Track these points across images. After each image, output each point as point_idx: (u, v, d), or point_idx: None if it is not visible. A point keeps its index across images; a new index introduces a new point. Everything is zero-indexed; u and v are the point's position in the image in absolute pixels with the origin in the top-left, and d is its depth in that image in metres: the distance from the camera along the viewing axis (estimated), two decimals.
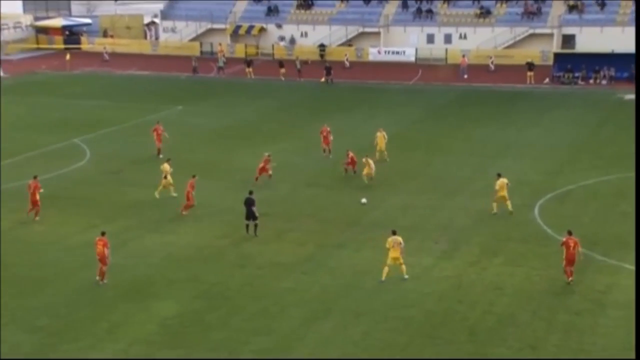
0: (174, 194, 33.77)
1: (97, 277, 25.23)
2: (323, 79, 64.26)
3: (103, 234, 25.58)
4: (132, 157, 41.16)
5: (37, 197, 31.25)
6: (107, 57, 76.70)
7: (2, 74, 66.60)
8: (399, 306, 23.57)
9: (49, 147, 42.61)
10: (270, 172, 35.79)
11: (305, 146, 43.60)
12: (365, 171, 35.80)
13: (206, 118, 51.50)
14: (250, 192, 29.97)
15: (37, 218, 31.15)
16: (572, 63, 63.01)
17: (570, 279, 24.75)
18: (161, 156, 39.56)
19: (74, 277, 25.84)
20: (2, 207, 32.38)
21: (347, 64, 70.80)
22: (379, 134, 40.40)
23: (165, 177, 34.01)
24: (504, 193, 31.24)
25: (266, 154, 36.55)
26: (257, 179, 35.31)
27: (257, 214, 29.24)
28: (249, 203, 29.28)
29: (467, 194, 34.56)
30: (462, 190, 35.14)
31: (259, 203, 29.56)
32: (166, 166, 34.26)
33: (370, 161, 35.93)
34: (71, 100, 56.41)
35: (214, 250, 28.25)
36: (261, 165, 35.71)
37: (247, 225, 29.25)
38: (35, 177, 32.08)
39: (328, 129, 41.36)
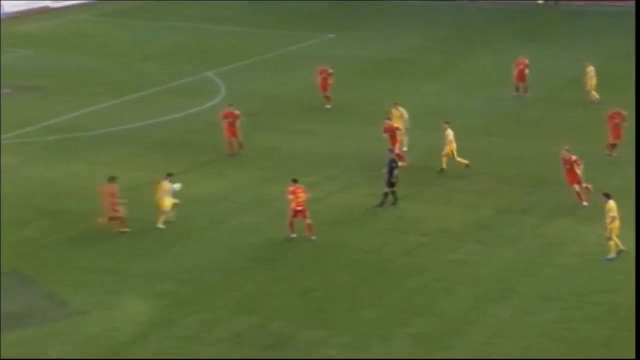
0: (466, 161, 31.24)
1: (289, 234, 25.89)
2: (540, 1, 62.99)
3: (295, 181, 26.03)
4: (272, 96, 41.61)
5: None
6: None
7: None
8: (599, 290, 22.63)
9: (179, 81, 43.95)
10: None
11: (482, 84, 42.54)
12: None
13: (359, 49, 51.14)
14: (391, 150, 29.27)
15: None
16: None
17: None
18: (328, 106, 38.68)
19: (201, 237, 26.55)
20: (121, 152, 33.85)
21: None
22: (588, 69, 38.79)
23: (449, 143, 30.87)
24: None
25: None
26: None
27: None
28: (393, 165, 28.14)
29: None
30: None
31: (422, 153, 29.00)
32: (449, 132, 31.09)
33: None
34: (205, 25, 57.81)
35: (368, 212, 28.10)
36: None
37: (387, 194, 28.23)
38: (230, 105, 34.13)
39: (526, 61, 40.18)
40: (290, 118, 38.04)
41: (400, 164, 29.87)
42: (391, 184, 28.09)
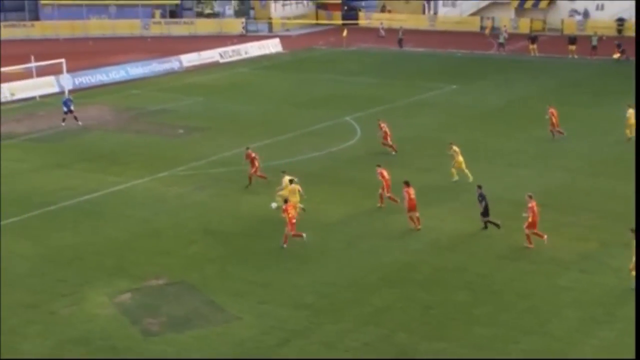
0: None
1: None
2: (616, 56, 60.91)
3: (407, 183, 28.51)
4: (401, 138, 41.34)
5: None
6: (383, 32, 78.21)
7: (281, 49, 70.81)
8: None
9: (320, 125, 44.36)
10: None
11: (589, 130, 41.05)
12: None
13: (478, 98, 50.52)
14: (479, 187, 28.47)
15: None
16: None
17: None
18: (394, 153, 37.76)
19: (337, 257, 26.53)
20: (271, 183, 34.31)
21: None
22: (630, 110, 38.25)
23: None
24: None
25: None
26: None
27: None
28: (480, 199, 27.98)
29: None
30: None
31: (535, 191, 28.18)
32: (456, 149, 33.48)
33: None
34: (345, 77, 58.32)
35: (483, 240, 27.48)
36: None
37: (486, 222, 27.92)
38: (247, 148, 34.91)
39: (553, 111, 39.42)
40: (416, 156, 37.73)
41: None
42: (483, 214, 27.81)
